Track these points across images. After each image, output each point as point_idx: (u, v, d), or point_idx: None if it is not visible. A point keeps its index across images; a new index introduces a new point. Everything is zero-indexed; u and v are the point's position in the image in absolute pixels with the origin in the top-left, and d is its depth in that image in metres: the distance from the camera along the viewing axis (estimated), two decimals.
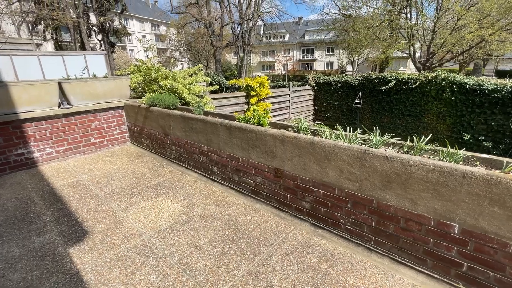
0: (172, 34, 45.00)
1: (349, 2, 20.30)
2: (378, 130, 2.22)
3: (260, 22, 31.34)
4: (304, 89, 10.29)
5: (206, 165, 3.57)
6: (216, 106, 6.93)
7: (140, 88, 5.42)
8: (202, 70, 6.05)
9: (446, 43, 14.86)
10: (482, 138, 7.36)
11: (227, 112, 7.60)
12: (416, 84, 8.08)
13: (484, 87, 7.10)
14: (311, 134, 2.53)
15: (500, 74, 30.87)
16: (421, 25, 15.89)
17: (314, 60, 51.03)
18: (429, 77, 7.90)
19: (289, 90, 9.30)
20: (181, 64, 53.62)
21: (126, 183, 3.60)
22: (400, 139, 2.14)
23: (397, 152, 2.02)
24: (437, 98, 7.88)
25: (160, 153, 4.51)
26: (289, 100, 9.38)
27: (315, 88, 10.56)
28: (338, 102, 10.10)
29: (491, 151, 7.29)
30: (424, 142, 1.98)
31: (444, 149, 1.92)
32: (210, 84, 16.59)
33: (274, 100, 8.70)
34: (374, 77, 9.01)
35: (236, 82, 7.94)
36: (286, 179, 2.62)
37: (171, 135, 4.03)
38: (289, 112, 9.51)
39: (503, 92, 6.85)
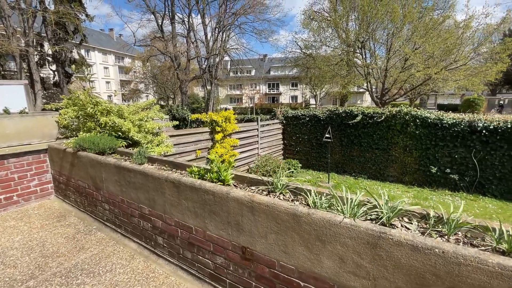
0: (137, 66, 44.02)
1: (310, 42, 21.73)
2: (386, 194, 1.56)
3: (227, 58, 32.23)
4: (273, 123, 9.91)
5: (149, 233, 2.59)
6: (175, 145, 6.02)
7: (74, 126, 4.38)
8: (156, 104, 5.24)
9: (398, 80, 16.21)
10: (448, 170, 7.39)
11: (189, 150, 6.70)
12: (382, 118, 8.14)
13: (444, 121, 7.29)
14: (291, 194, 1.80)
15: (440, 107, 34.90)
16: (374, 64, 17.32)
17: (280, 93, 53.40)
18: (393, 112, 8.02)
19: (257, 124, 8.81)
20: (146, 96, 52.24)
21: (23, 269, 2.42)
22: (419, 207, 1.49)
23: (419, 228, 1.36)
24: (402, 132, 7.95)
25: (90, 212, 3.39)
26: (257, 135, 8.84)
27: (284, 122, 10.27)
28: (307, 136, 9.84)
29: (458, 183, 7.30)
30: (460, 211, 1.35)
31: (489, 223, 1.31)
32: (174, 118, 15.62)
33: (242, 135, 8.08)
34: (341, 111, 8.99)
35: (199, 117, 7.21)
36: (259, 263, 1.79)
37: (104, 190, 3.02)
38: (258, 148, 8.90)
39: (462, 126, 7.07)
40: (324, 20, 21.20)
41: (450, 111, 7.85)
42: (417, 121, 7.67)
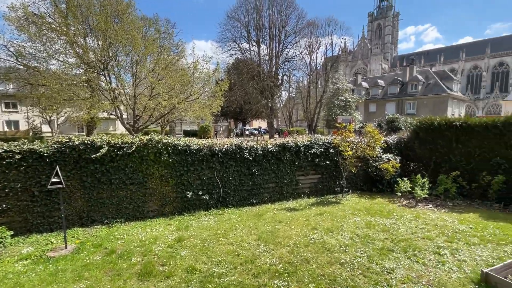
0: None
1: (27, 49, 15.97)
2: None
3: None
4: None
5: None
6: None
7: None
8: None
9: (148, 108, 16.33)
10: (200, 192, 7.93)
11: None
12: (133, 149, 7.09)
13: (192, 147, 7.78)
14: None
15: (185, 133, 41.55)
16: (122, 90, 16.21)
17: None
18: (145, 140, 7.30)
19: None
20: None
21: None
22: None
23: None
24: (157, 161, 7.46)
25: None
26: None
27: None
28: (21, 184, 6.21)
29: (209, 202, 8.05)
30: None
31: None
32: None
33: None
34: (78, 143, 6.65)
35: None
36: None
37: None
38: None
39: (205, 151, 7.94)
40: (51, 28, 16.56)
41: (193, 136, 8.63)
42: (169, 148, 7.53)
